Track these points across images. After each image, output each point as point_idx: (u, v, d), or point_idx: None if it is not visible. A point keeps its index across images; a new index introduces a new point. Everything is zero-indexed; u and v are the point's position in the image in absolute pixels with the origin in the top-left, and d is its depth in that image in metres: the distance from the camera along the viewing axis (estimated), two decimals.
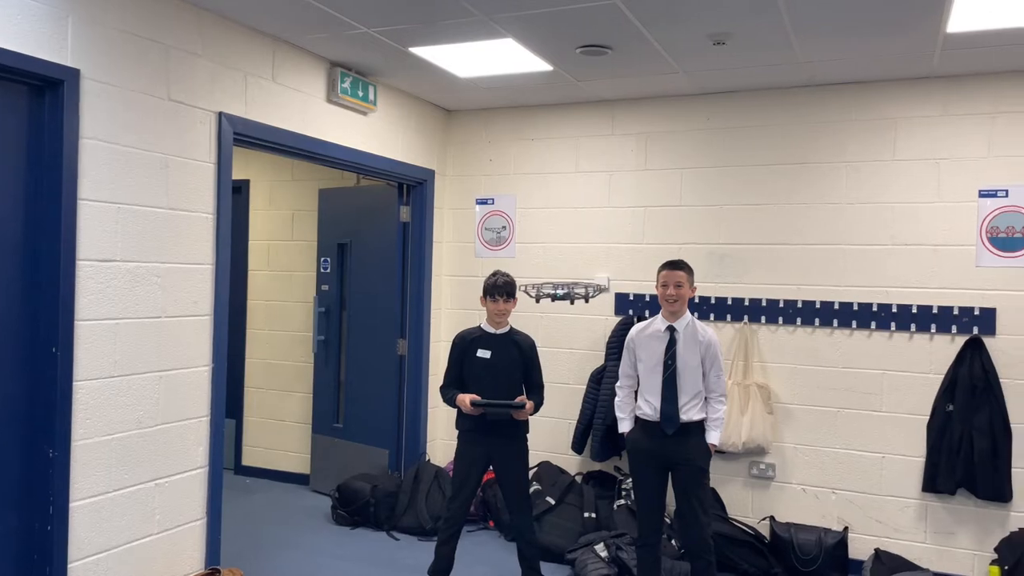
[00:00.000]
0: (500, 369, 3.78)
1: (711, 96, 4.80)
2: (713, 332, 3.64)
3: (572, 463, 5.10)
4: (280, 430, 6.01)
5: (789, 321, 4.62)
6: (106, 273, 3.18)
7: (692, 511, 3.52)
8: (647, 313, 4.91)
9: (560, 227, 5.20)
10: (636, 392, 3.69)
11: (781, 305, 4.64)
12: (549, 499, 4.75)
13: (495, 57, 4.20)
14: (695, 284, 3.67)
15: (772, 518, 4.56)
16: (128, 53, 3.24)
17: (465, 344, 3.83)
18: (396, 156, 5.00)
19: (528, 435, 3.88)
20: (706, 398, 3.56)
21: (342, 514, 5.08)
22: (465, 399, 3.68)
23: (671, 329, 3.58)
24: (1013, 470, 4.12)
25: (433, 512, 4.93)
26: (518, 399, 3.71)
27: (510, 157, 5.37)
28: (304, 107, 4.23)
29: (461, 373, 3.83)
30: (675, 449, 3.52)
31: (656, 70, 4.33)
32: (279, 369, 6.01)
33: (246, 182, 6.11)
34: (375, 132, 4.81)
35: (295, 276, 5.98)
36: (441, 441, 5.55)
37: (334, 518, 5.12)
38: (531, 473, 5.03)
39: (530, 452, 3.89)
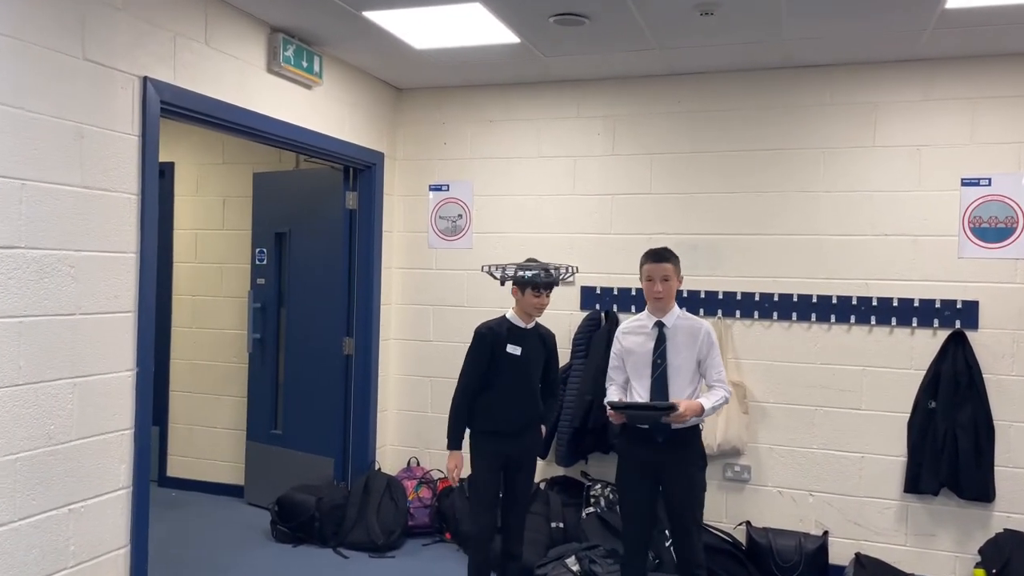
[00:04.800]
0: (530, 368, 3.48)
1: (682, 77, 4.52)
2: (707, 322, 3.36)
3: (536, 469, 4.75)
4: (210, 438, 5.48)
5: (765, 315, 4.39)
6: (7, 262, 2.66)
7: (684, 526, 3.23)
8: (615, 307, 4.62)
9: (521, 216, 4.85)
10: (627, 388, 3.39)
11: (757, 298, 4.40)
12: None
13: (458, 26, 3.82)
14: (682, 274, 3.37)
15: (748, 523, 4.33)
16: (35, 3, 2.72)
17: (496, 337, 3.42)
18: (343, 136, 4.54)
19: None
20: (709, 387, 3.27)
21: (283, 530, 4.61)
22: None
23: (659, 325, 3.27)
24: (996, 469, 3.99)
25: (385, 526, 4.52)
26: (672, 401, 3.17)
27: (466, 140, 4.98)
28: (241, 76, 3.75)
29: (486, 371, 3.43)
30: (667, 458, 3.20)
31: (630, 45, 4.01)
32: (209, 371, 5.48)
33: (170, 165, 5.55)
34: (320, 108, 4.35)
35: (227, 269, 5.46)
36: (391, 448, 5.13)
37: (274, 534, 4.65)
38: None
39: None
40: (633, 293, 4.57)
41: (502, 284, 3.43)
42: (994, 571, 3.77)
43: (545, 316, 4.75)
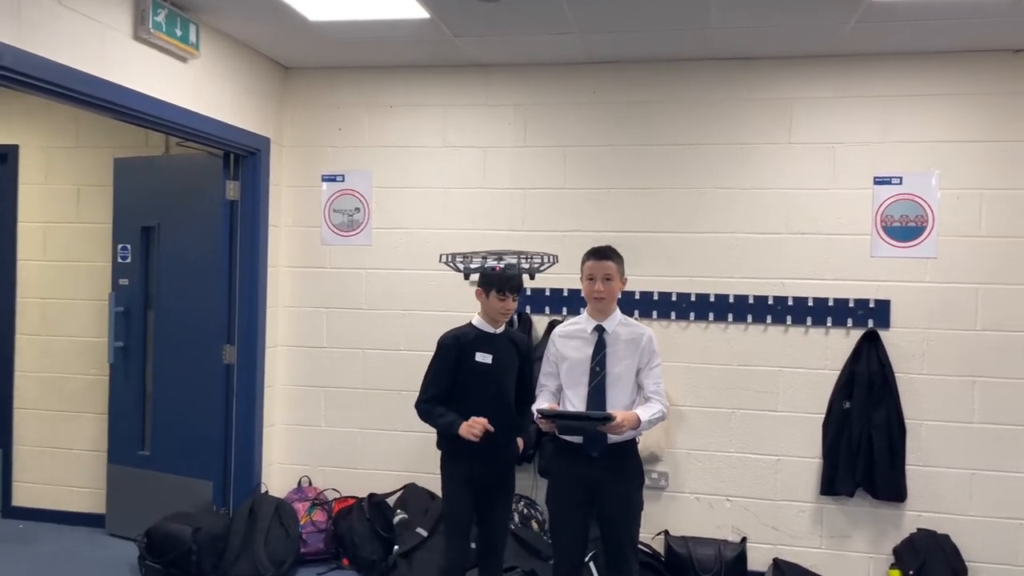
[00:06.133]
0: (502, 376, 3.15)
1: (598, 66, 4.28)
2: (648, 328, 3.13)
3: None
4: (64, 460, 4.80)
5: (682, 316, 4.23)
6: None
7: (620, 549, 2.97)
8: (528, 309, 4.34)
9: (426, 210, 4.47)
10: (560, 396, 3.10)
11: (673, 299, 4.24)
12: (420, 531, 4.03)
13: None
14: (626, 276, 3.13)
15: (667, 532, 4.16)
16: None
17: (462, 347, 3.10)
18: (222, 117, 4.02)
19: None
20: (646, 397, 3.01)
21: (154, 566, 4.04)
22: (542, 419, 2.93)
23: (599, 330, 3.00)
24: (908, 468, 3.99)
25: (274, 556, 4.04)
26: (609, 411, 2.88)
27: (364, 127, 4.54)
28: (102, 43, 3.19)
29: (452, 383, 3.10)
30: (603, 476, 2.94)
31: (548, 27, 3.73)
32: (61, 384, 4.80)
33: (13, 148, 4.85)
34: (197, 85, 3.81)
35: (82, 268, 4.79)
36: (279, 466, 4.63)
37: (143, 571, 4.07)
38: (395, 498, 4.32)
39: (393, 473, 3.17)
40: (547, 294, 4.31)
41: (466, 278, 3.06)
42: (911, 572, 3.76)
43: (452, 319, 4.40)
